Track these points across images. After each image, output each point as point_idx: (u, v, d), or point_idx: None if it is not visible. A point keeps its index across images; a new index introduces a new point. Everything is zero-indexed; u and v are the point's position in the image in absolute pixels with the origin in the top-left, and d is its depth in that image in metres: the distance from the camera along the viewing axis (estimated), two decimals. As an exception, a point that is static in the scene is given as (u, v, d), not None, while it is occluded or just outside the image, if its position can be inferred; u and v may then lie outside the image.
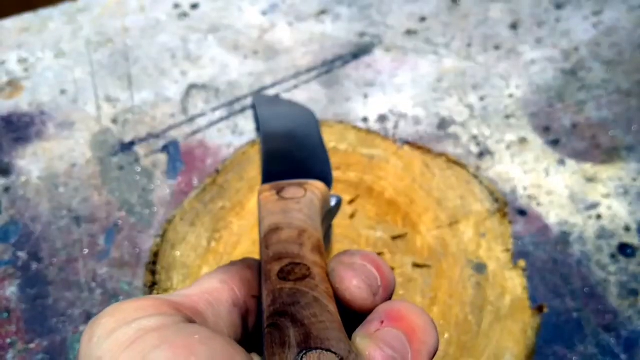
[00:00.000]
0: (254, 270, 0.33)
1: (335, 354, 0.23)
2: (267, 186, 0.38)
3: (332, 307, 0.27)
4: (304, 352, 0.23)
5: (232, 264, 0.33)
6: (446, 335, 0.49)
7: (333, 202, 0.42)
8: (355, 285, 0.28)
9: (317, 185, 0.39)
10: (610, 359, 0.50)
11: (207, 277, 0.31)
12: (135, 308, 0.25)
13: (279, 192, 0.37)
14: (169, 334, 0.23)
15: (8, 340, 0.51)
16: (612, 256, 0.55)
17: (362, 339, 0.25)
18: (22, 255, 0.55)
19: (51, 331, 0.52)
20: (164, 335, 0.23)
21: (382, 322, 0.26)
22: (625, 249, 0.56)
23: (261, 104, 0.64)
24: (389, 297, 0.29)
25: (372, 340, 0.25)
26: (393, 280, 0.30)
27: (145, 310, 0.25)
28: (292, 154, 0.52)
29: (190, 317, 0.26)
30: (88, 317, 0.52)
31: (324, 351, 0.23)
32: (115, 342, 0.23)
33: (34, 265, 0.55)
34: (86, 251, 0.56)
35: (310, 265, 0.29)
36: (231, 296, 0.30)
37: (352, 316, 0.28)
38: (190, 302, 0.28)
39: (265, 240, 0.32)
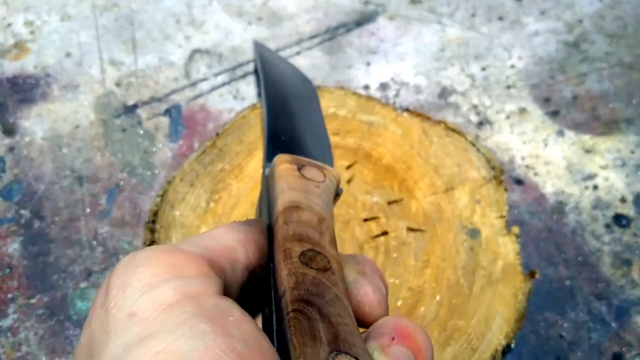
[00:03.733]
0: (265, 238, 0.32)
1: None
2: (286, 157, 0.36)
3: (350, 307, 0.27)
4: (335, 353, 0.23)
5: (248, 224, 0.32)
6: (437, 298, 0.50)
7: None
8: (377, 301, 0.29)
9: (333, 173, 0.38)
10: (600, 326, 0.51)
11: (224, 232, 0.30)
12: (173, 262, 0.25)
13: (299, 168, 0.35)
14: (208, 307, 0.23)
15: (9, 295, 0.52)
16: (607, 226, 0.56)
17: (377, 353, 0.26)
18: (25, 213, 0.56)
19: (52, 287, 0.53)
20: (202, 305, 0.23)
21: (393, 338, 0.27)
22: (620, 220, 0.56)
23: (264, 56, 0.63)
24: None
25: (386, 356, 0.26)
26: (387, 289, 0.31)
27: (184, 268, 0.25)
28: (296, 119, 0.52)
29: (219, 278, 0.26)
30: (88, 274, 0.53)
31: (353, 358, 0.23)
32: (152, 300, 0.23)
33: (37, 223, 0.56)
34: (88, 210, 0.57)
35: (330, 259, 0.29)
36: (246, 259, 0.30)
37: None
38: (216, 258, 0.28)
39: (284, 215, 0.31)
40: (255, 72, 0.65)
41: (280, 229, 0.30)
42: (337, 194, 0.41)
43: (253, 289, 0.31)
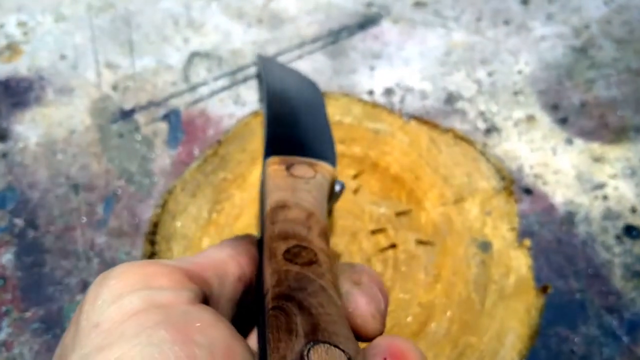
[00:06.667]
0: (257, 247, 0.32)
1: (344, 351, 0.22)
2: (276, 159, 0.37)
3: (338, 299, 0.26)
4: (312, 344, 0.22)
5: (239, 239, 0.32)
6: (448, 313, 0.49)
7: (337, 188, 0.41)
8: (371, 314, 0.27)
9: (327, 168, 0.37)
10: (612, 340, 0.50)
11: (214, 249, 0.30)
12: (146, 274, 0.24)
13: (288, 167, 0.36)
14: (173, 314, 0.23)
15: (3, 309, 0.50)
16: (617, 237, 0.55)
17: None
18: (19, 222, 0.55)
19: (47, 300, 0.51)
20: (168, 313, 0.23)
21: (385, 358, 0.25)
22: (630, 231, 0.55)
23: (267, 67, 0.63)
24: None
25: None
26: (387, 302, 0.29)
27: (156, 278, 0.24)
28: (298, 125, 0.51)
29: (199, 288, 0.26)
30: (85, 286, 0.51)
31: (332, 346, 0.22)
32: (118, 309, 0.23)
33: (31, 233, 0.54)
34: (84, 219, 0.55)
35: (317, 252, 0.28)
36: (238, 271, 0.29)
37: None
38: (199, 270, 0.27)
39: (271, 215, 0.31)
40: (258, 77, 0.64)
41: (267, 229, 0.30)
42: (339, 189, 0.41)
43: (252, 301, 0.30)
